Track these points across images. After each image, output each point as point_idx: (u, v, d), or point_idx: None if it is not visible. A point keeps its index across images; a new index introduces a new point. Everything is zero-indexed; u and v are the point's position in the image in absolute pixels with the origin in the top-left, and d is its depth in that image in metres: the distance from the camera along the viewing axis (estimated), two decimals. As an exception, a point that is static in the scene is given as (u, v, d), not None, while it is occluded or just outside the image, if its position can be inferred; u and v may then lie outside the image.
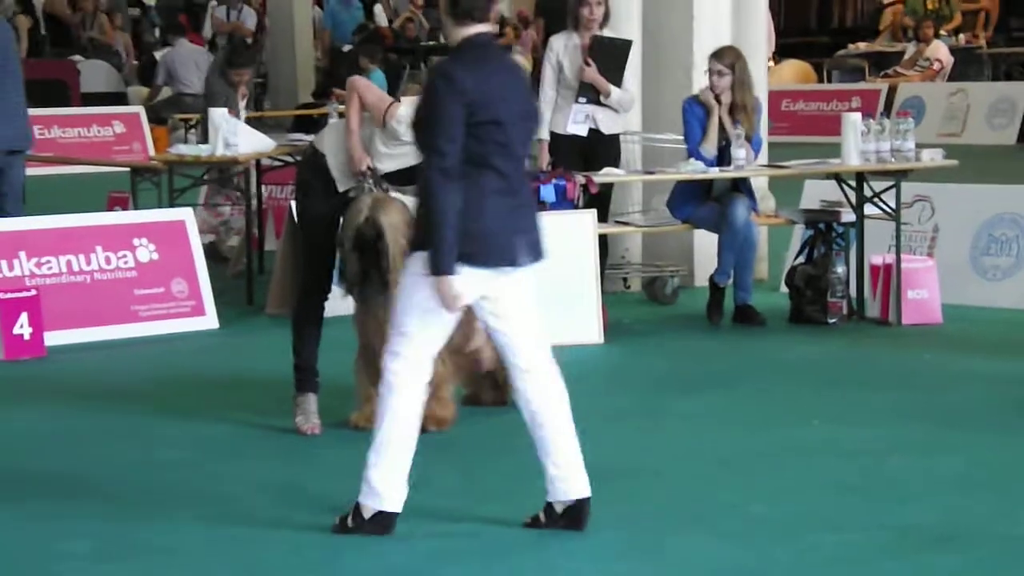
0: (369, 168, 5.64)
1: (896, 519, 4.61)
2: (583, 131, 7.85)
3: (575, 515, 4.47)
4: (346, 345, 5.82)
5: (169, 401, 6.22)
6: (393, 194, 5.69)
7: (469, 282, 4.37)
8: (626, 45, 7.89)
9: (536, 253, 4.51)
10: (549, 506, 4.51)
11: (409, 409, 4.46)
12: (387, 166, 5.66)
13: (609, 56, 7.80)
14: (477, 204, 4.32)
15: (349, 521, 4.46)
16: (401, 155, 5.62)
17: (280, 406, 5.82)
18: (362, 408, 5.71)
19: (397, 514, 4.45)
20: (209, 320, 7.81)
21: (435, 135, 4.27)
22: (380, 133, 5.66)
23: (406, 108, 5.52)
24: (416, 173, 4.75)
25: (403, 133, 5.55)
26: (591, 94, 7.83)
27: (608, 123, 7.89)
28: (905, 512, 4.69)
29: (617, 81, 7.83)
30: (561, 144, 7.83)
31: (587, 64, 7.76)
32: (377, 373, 5.60)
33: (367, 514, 4.44)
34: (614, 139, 7.94)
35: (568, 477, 4.48)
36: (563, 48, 7.90)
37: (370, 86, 5.95)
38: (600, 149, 7.84)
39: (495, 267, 4.40)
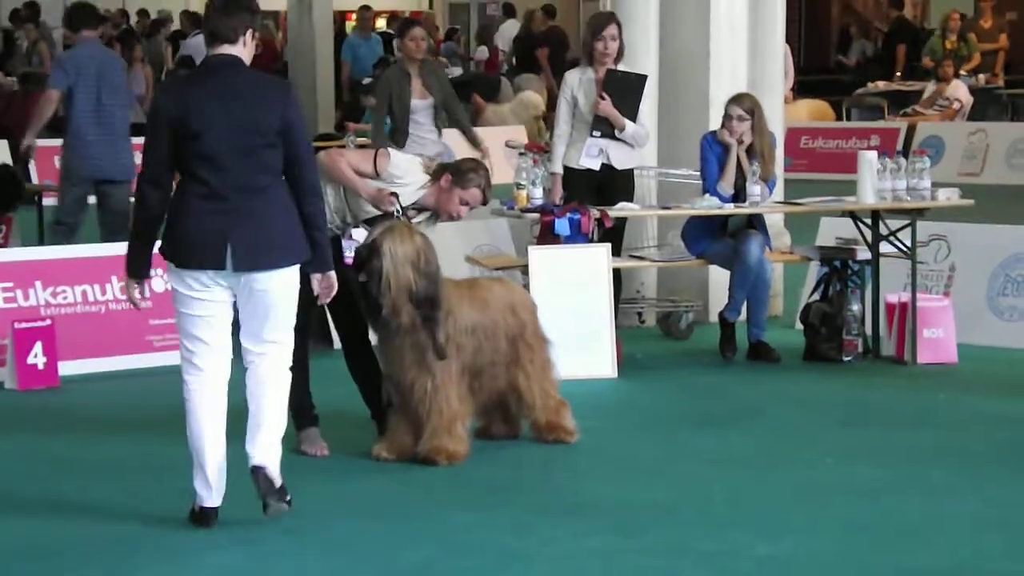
0: (394, 194, 5.73)
1: (907, 560, 4.57)
2: (596, 165, 7.85)
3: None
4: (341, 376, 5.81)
5: (183, 431, 6.21)
6: (422, 228, 5.73)
7: (187, 282, 4.83)
8: (641, 80, 7.90)
9: (253, 261, 4.79)
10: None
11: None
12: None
13: (624, 90, 7.81)
14: (180, 210, 4.83)
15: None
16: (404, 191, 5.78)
17: (291, 437, 5.81)
18: (384, 439, 5.70)
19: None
20: (223, 351, 7.81)
21: (144, 148, 4.88)
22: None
23: (392, 151, 5.88)
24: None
25: (398, 176, 5.73)
26: (605, 128, 7.83)
27: (621, 158, 7.89)
28: (916, 553, 4.64)
29: (632, 115, 7.83)
30: (575, 178, 7.83)
31: (602, 98, 7.77)
32: (401, 403, 5.65)
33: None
34: (628, 174, 7.94)
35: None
36: (577, 82, 7.91)
37: (345, 152, 6.09)
38: (614, 184, 7.84)
39: (198, 268, 4.81)
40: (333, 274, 5.00)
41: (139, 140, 11.77)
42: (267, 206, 4.81)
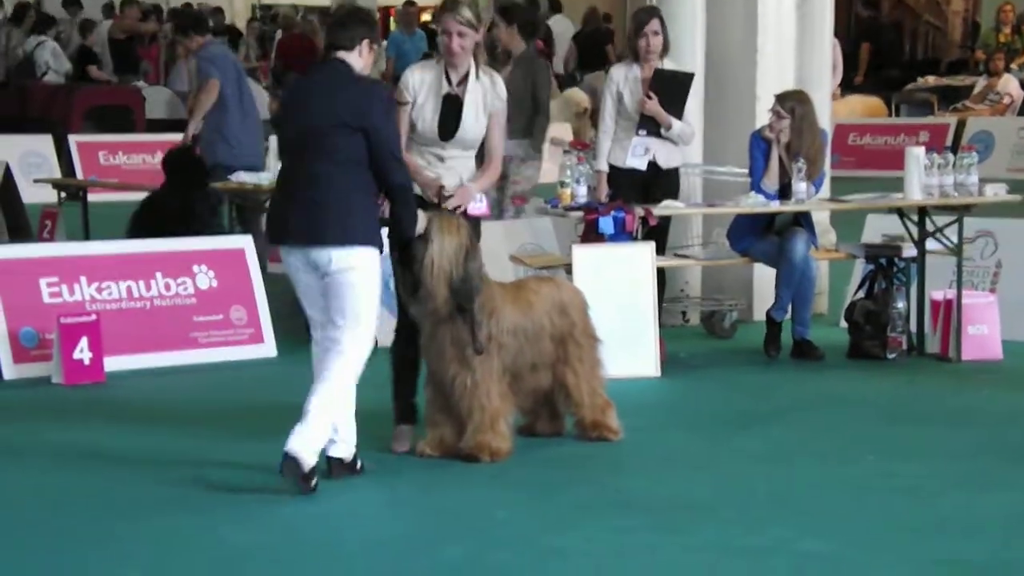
0: (442, 187, 5.77)
1: (949, 555, 4.55)
2: (643, 164, 7.80)
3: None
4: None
5: (227, 427, 6.28)
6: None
7: (285, 259, 5.40)
8: (688, 78, 7.86)
9: (300, 235, 5.27)
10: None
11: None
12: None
13: (671, 89, 7.76)
14: (275, 190, 5.60)
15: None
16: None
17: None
18: (429, 435, 5.72)
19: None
20: (268, 348, 7.87)
21: None
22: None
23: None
24: None
25: (413, 85, 5.92)
26: (651, 127, 7.79)
27: (667, 157, 7.85)
28: (958, 548, 4.62)
29: (678, 114, 7.78)
30: (621, 177, 7.80)
31: (648, 97, 7.73)
32: (443, 400, 5.68)
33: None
34: (673, 173, 7.89)
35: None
36: (623, 79, 7.86)
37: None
38: (659, 183, 7.79)
39: (273, 243, 5.45)
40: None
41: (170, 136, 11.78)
42: (329, 191, 5.24)
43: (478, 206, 5.95)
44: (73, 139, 16.08)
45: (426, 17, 21.64)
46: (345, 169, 5.27)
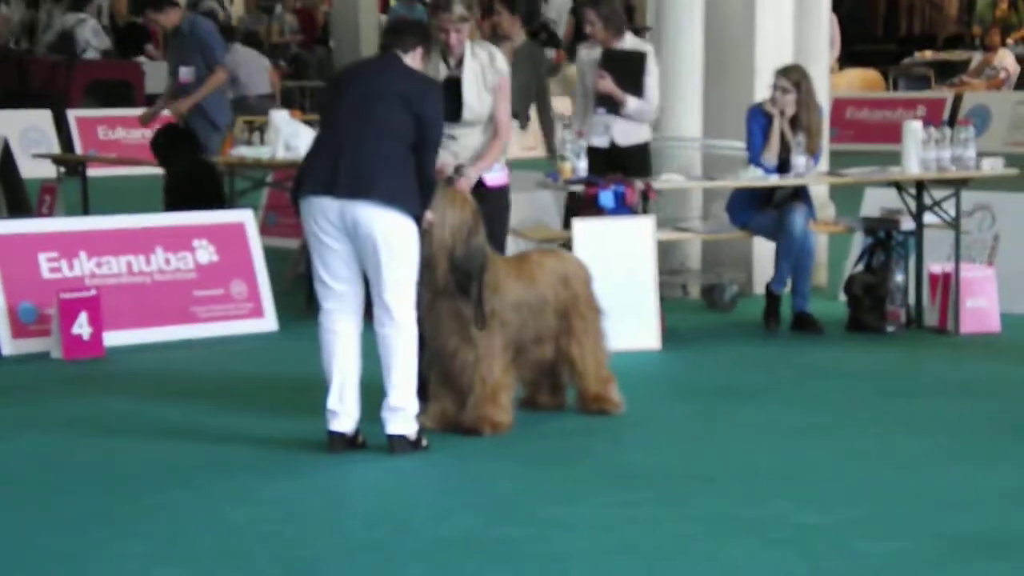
0: (458, 168, 5.88)
1: (949, 528, 4.57)
2: (604, 142, 7.89)
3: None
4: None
5: (226, 402, 6.29)
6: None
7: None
8: (640, 56, 7.91)
9: (346, 187, 5.31)
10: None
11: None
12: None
13: (623, 68, 7.84)
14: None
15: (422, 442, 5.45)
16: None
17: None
18: (430, 409, 5.74)
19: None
20: (268, 322, 7.88)
21: None
22: None
23: None
24: None
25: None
26: (609, 105, 7.86)
27: (624, 134, 7.90)
28: (958, 521, 4.64)
29: (635, 92, 7.82)
30: (592, 155, 7.83)
31: (600, 77, 7.78)
32: (443, 373, 5.69)
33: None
34: (635, 150, 7.93)
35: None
36: (587, 60, 8.00)
37: None
38: (620, 160, 7.83)
39: (305, 195, 5.40)
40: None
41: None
42: (377, 154, 5.32)
43: (495, 175, 6.08)
44: (72, 114, 16.03)
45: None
46: (396, 142, 5.34)
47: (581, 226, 7.28)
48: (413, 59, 5.58)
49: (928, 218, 7.69)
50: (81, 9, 17.92)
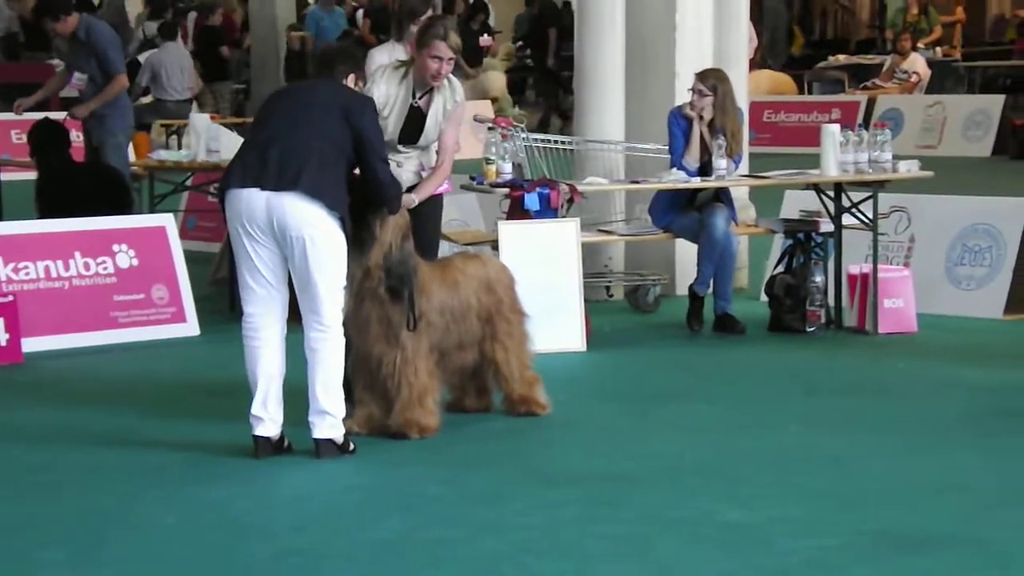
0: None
1: (872, 524, 4.65)
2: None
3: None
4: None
5: (149, 408, 6.22)
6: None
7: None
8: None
9: (272, 179, 5.31)
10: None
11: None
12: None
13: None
14: None
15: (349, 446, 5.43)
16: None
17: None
18: (357, 413, 5.72)
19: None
20: (190, 327, 7.81)
21: None
22: None
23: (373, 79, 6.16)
24: None
25: (377, 81, 6.12)
26: None
27: None
28: (881, 517, 4.73)
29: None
30: None
31: None
32: (369, 378, 5.68)
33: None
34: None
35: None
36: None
37: None
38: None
39: (232, 187, 5.38)
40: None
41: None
42: (311, 153, 5.31)
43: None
44: (-17, 118, 15.72)
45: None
46: (328, 145, 5.33)
47: (507, 229, 7.31)
48: (346, 82, 5.63)
49: (846, 220, 7.82)
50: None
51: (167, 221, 8.05)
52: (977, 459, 5.40)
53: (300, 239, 5.26)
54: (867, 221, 7.77)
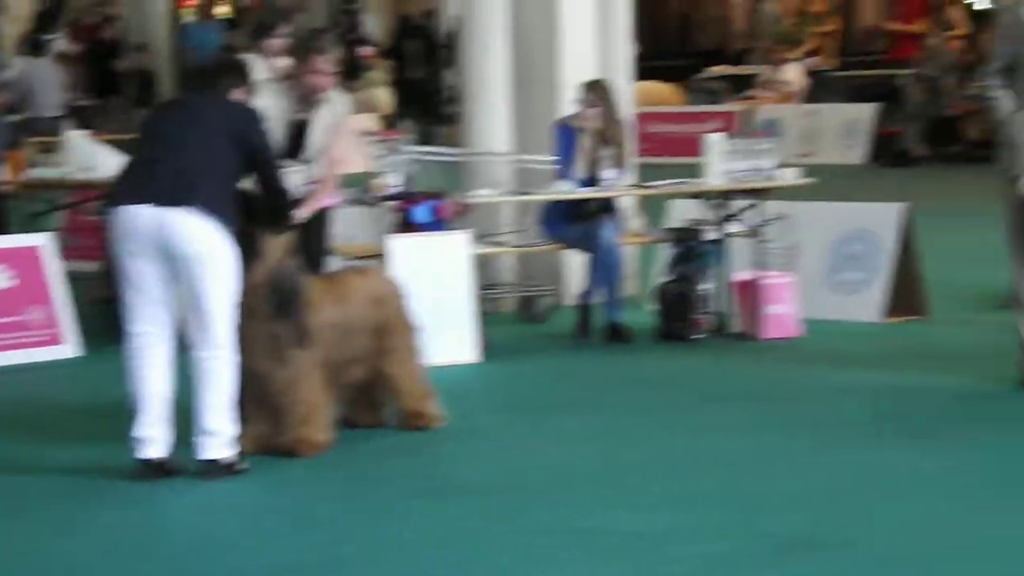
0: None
1: (767, 528, 4.70)
2: None
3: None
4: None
5: (32, 432, 6.07)
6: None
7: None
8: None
9: (161, 196, 5.22)
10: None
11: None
12: None
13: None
14: None
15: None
16: None
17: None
18: (246, 432, 5.61)
19: None
20: (69, 348, 7.62)
21: None
22: None
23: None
24: None
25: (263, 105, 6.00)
26: None
27: None
28: (775, 521, 4.77)
29: None
30: None
31: None
32: (257, 395, 5.59)
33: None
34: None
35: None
36: None
37: None
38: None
39: (119, 204, 5.29)
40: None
41: None
42: (199, 170, 5.21)
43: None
44: None
45: (221, 9, 21.29)
46: (217, 159, 5.25)
47: (396, 242, 7.26)
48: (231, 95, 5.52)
49: (731, 227, 7.92)
50: None
51: (43, 241, 7.84)
52: (864, 462, 5.47)
53: (191, 256, 5.17)
54: (751, 229, 7.88)
